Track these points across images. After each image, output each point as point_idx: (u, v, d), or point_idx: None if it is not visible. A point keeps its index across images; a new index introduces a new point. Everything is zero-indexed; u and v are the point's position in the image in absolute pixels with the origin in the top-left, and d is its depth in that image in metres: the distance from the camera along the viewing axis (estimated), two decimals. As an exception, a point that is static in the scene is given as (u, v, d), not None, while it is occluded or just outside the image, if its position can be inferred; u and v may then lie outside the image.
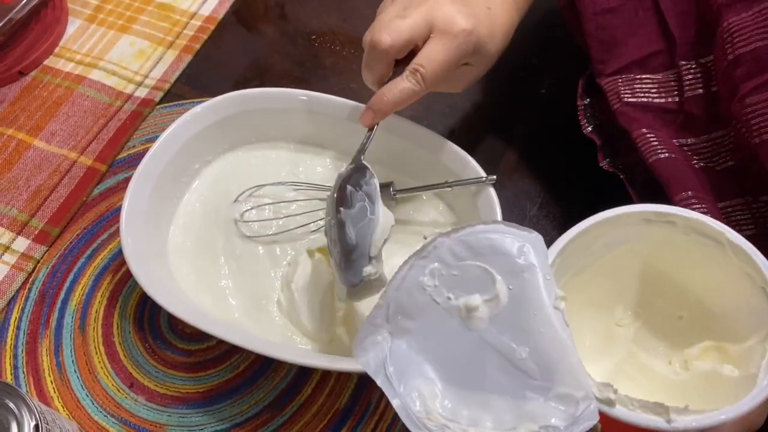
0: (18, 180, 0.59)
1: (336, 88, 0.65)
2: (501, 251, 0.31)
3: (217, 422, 0.49)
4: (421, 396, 0.30)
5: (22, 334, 0.52)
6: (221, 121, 0.55)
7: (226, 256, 0.53)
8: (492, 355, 0.29)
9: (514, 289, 0.30)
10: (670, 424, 0.27)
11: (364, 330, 0.32)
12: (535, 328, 0.29)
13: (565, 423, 0.28)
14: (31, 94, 0.64)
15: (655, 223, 0.34)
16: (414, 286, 0.31)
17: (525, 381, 0.29)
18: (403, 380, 0.31)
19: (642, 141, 0.47)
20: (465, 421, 0.29)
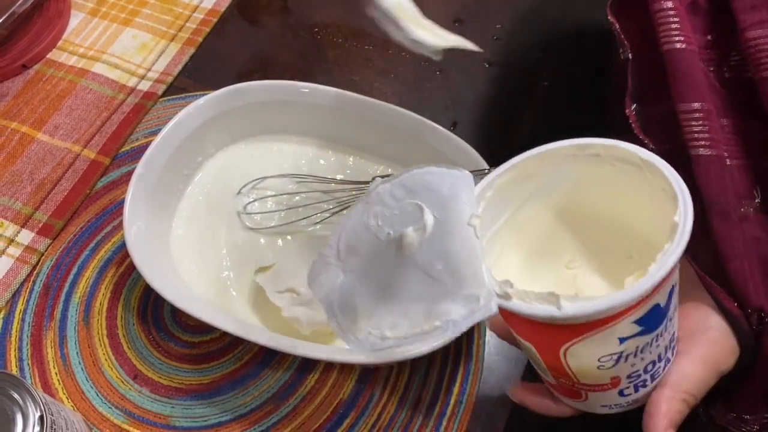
0: (22, 173, 0.59)
1: (339, 80, 0.65)
2: (432, 188, 0.33)
3: (220, 413, 0.49)
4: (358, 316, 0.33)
5: (27, 326, 0.52)
6: (224, 113, 0.55)
7: (228, 247, 0.53)
8: (417, 273, 0.32)
9: (439, 217, 0.33)
10: (561, 310, 0.28)
11: (317, 267, 0.35)
12: (452, 246, 0.32)
13: (464, 316, 0.30)
14: (34, 87, 0.64)
15: (582, 158, 0.34)
16: (360, 227, 0.35)
17: (439, 289, 0.31)
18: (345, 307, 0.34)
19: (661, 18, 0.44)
20: (387, 327, 0.32)
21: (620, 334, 0.30)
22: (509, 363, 0.51)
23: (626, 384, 0.34)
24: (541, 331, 0.31)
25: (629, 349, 0.31)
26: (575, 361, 0.32)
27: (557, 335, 0.31)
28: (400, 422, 0.49)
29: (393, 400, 0.49)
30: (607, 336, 0.30)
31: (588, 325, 0.29)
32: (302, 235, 0.54)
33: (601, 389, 0.34)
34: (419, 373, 0.50)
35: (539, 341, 0.33)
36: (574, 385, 0.34)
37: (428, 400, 0.49)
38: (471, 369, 0.51)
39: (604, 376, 0.33)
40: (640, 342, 0.31)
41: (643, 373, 0.33)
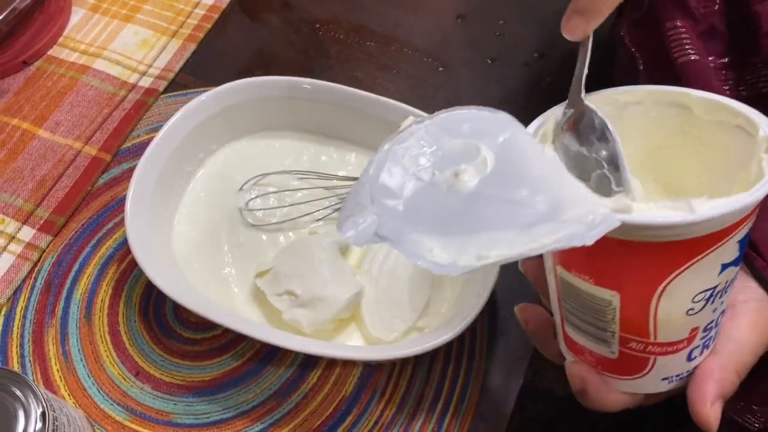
0: (23, 170, 0.59)
1: (341, 76, 0.65)
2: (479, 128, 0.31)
3: (222, 410, 0.49)
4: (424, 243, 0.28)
5: (29, 323, 0.52)
6: (225, 110, 0.54)
7: (230, 244, 0.53)
8: (489, 203, 0.28)
9: (499, 153, 0.29)
10: (695, 213, 0.25)
11: (348, 208, 0.30)
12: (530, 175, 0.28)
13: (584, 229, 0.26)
14: (35, 84, 0.64)
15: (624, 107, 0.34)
16: (395, 166, 0.31)
17: (531, 213, 0.27)
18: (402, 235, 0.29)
19: (674, 35, 0.44)
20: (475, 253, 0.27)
21: (724, 257, 0.28)
22: (512, 360, 0.51)
23: (698, 340, 0.32)
24: (643, 263, 0.28)
25: (722, 283, 0.29)
26: (668, 305, 0.29)
27: (663, 265, 0.28)
28: (402, 419, 0.48)
29: (395, 398, 0.49)
30: (718, 258, 0.28)
31: (708, 239, 0.27)
32: (304, 231, 0.54)
33: (675, 349, 0.32)
34: (422, 370, 0.50)
35: (632, 283, 0.29)
36: (646, 348, 0.31)
37: (431, 397, 0.49)
38: (474, 367, 0.50)
39: (686, 326, 0.31)
40: (730, 276, 0.30)
41: (714, 326, 0.32)
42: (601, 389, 0.34)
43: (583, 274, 0.30)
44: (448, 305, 0.50)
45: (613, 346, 0.32)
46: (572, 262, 0.30)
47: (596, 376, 0.34)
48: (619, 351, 0.32)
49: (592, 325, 0.32)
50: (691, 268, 0.28)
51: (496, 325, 0.52)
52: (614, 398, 0.34)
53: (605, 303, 0.30)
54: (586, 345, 0.33)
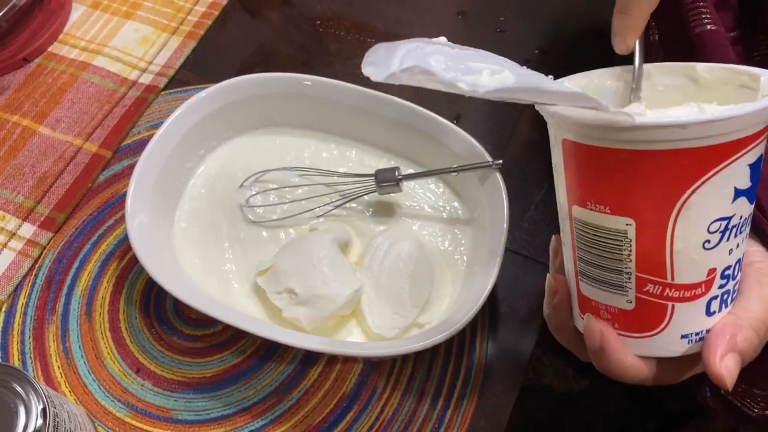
0: (23, 166, 0.59)
1: (341, 73, 0.65)
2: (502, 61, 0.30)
3: (223, 407, 0.49)
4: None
5: (29, 319, 0.52)
6: (226, 106, 0.54)
7: (230, 240, 0.53)
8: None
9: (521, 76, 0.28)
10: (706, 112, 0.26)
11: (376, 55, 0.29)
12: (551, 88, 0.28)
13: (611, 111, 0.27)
14: (35, 80, 0.64)
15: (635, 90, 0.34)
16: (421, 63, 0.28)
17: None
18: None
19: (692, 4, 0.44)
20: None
21: (737, 181, 0.29)
22: (513, 356, 0.51)
23: (716, 289, 0.31)
24: (658, 178, 0.28)
25: (737, 216, 0.29)
26: (685, 230, 0.29)
27: (678, 179, 0.28)
28: (403, 415, 0.49)
29: (396, 393, 0.49)
30: (730, 177, 0.28)
31: (720, 150, 0.27)
32: (305, 228, 0.54)
33: (693, 295, 0.31)
34: (422, 367, 0.50)
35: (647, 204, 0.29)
36: (663, 291, 0.31)
37: (432, 392, 0.49)
38: (474, 362, 0.50)
39: (704, 264, 0.30)
40: (743, 211, 0.30)
41: (731, 278, 0.31)
42: (620, 348, 0.33)
43: (599, 204, 0.30)
44: (449, 301, 0.50)
45: (629, 292, 0.31)
46: (588, 193, 0.30)
47: (615, 334, 0.33)
48: (636, 298, 0.31)
49: (608, 270, 0.32)
50: (707, 184, 0.28)
51: (496, 322, 0.52)
52: (632, 363, 0.33)
53: (621, 236, 0.30)
54: (601, 300, 0.33)
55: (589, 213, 0.31)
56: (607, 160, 0.29)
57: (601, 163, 0.29)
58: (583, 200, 0.31)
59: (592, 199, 0.31)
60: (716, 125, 0.27)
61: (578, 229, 0.32)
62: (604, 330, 0.33)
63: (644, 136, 0.28)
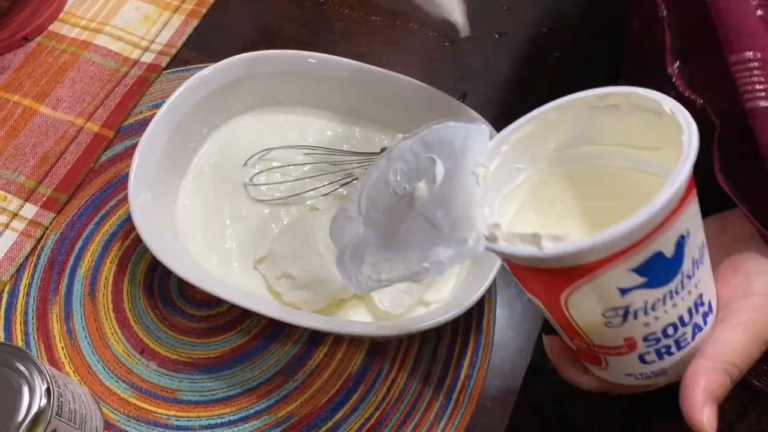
0: (25, 147, 0.58)
1: (346, 52, 0.64)
2: (446, 141, 0.34)
3: (228, 387, 0.49)
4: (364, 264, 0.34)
5: (32, 300, 0.52)
6: (229, 84, 0.54)
7: (232, 218, 0.52)
8: (421, 223, 0.32)
9: (450, 168, 0.33)
10: (542, 250, 0.27)
11: (339, 220, 0.36)
12: (454, 194, 0.32)
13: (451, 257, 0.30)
14: (36, 60, 0.63)
15: (602, 110, 0.33)
16: (381, 183, 0.36)
17: (437, 235, 0.31)
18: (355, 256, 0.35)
19: None
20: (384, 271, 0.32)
21: (619, 284, 0.28)
22: (520, 337, 0.51)
23: (645, 348, 0.32)
24: (537, 277, 0.31)
25: (636, 303, 0.29)
26: (579, 316, 0.31)
27: (552, 282, 0.30)
28: (409, 396, 0.48)
29: (402, 374, 0.49)
30: (604, 285, 0.28)
31: (578, 270, 0.28)
32: (307, 206, 0.53)
33: (618, 353, 0.32)
34: (429, 346, 0.50)
35: (540, 291, 0.32)
36: (590, 347, 0.33)
37: (438, 373, 0.49)
38: (481, 342, 0.50)
39: (615, 336, 0.31)
40: (648, 297, 0.29)
41: (662, 337, 0.31)
42: (569, 369, 0.37)
43: (517, 279, 0.34)
44: (457, 280, 0.49)
45: (566, 339, 0.35)
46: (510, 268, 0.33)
47: (566, 357, 0.37)
48: (574, 344, 0.34)
49: (551, 323, 0.35)
50: (576, 292, 0.29)
51: (504, 303, 0.52)
52: (584, 379, 0.37)
53: (540, 306, 0.33)
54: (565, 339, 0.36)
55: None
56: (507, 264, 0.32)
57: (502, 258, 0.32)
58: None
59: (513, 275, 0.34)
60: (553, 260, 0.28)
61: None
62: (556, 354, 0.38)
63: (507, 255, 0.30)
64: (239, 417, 0.48)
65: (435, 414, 0.48)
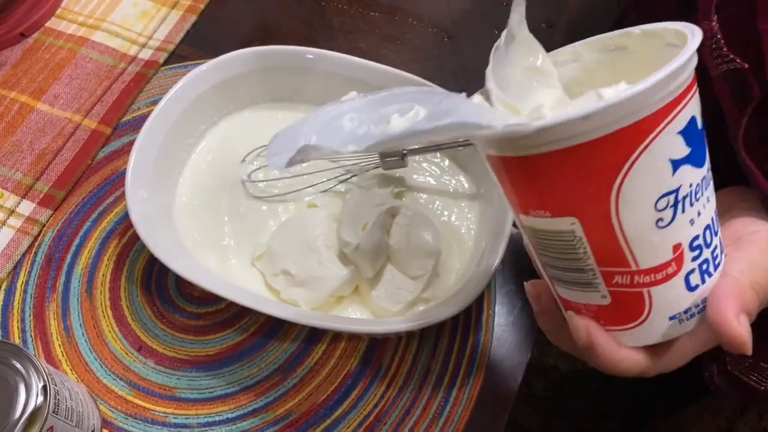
0: (22, 143, 0.58)
1: (344, 48, 0.63)
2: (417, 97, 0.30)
3: (226, 385, 0.48)
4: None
5: (29, 298, 0.52)
6: (227, 80, 0.53)
7: (230, 215, 0.52)
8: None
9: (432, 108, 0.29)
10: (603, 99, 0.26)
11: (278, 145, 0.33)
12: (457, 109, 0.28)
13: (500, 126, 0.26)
14: (33, 56, 0.63)
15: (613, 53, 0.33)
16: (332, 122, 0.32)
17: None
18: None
19: None
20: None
21: (670, 152, 0.27)
22: (519, 334, 0.50)
23: (690, 262, 0.29)
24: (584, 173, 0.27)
25: (684, 187, 0.28)
26: (631, 217, 0.28)
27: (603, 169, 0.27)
28: (408, 393, 0.48)
29: (401, 371, 0.49)
30: (658, 154, 0.27)
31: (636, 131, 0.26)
32: (305, 203, 0.53)
33: (665, 276, 0.29)
34: (428, 344, 0.50)
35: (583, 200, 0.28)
36: (633, 280, 0.29)
37: (437, 370, 0.49)
38: (481, 339, 0.50)
39: (665, 243, 0.29)
40: (692, 178, 0.28)
41: (704, 245, 0.29)
42: (609, 342, 0.31)
43: (539, 210, 0.29)
44: (456, 277, 0.49)
45: (600, 287, 0.30)
46: (526, 201, 0.30)
47: (602, 329, 0.31)
48: (609, 293, 0.30)
49: (573, 270, 0.31)
50: (634, 166, 0.27)
51: (503, 300, 0.51)
52: (626, 355, 0.31)
53: (570, 236, 0.29)
54: (579, 299, 0.32)
55: (534, 220, 0.30)
56: (530, 168, 0.28)
57: (526, 172, 0.28)
58: (525, 209, 0.30)
59: (531, 206, 0.30)
60: (617, 109, 0.26)
61: (531, 236, 0.31)
62: (589, 326, 0.31)
63: (549, 137, 0.26)
64: (237, 415, 0.47)
65: (434, 411, 0.47)
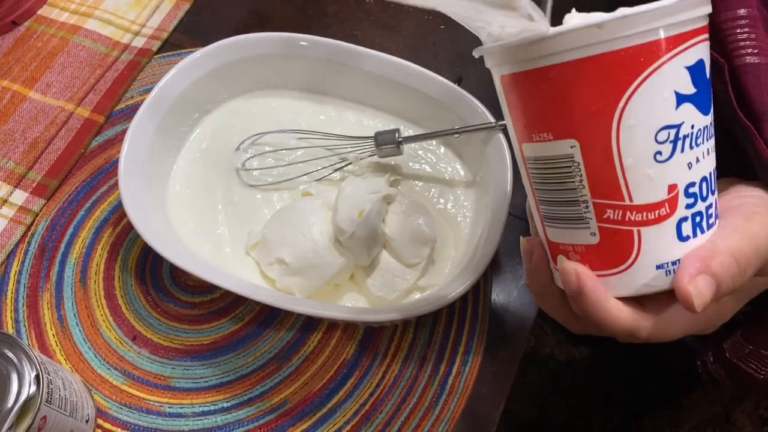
0: (14, 132, 0.57)
1: (339, 35, 0.62)
2: None
3: (222, 374, 0.48)
4: None
5: (23, 287, 0.51)
6: (221, 68, 0.53)
7: (224, 203, 0.52)
8: None
9: None
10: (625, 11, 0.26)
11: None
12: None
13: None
14: (25, 44, 0.62)
15: None
16: None
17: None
18: None
19: None
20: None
21: (676, 84, 0.28)
22: (515, 322, 0.50)
23: (684, 209, 0.29)
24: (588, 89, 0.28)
25: (685, 126, 0.28)
26: (630, 142, 0.28)
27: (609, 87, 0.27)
28: (404, 381, 0.48)
29: (397, 360, 0.48)
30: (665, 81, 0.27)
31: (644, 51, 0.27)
32: (300, 190, 0.52)
33: (657, 216, 0.29)
34: (424, 332, 0.49)
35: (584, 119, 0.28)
36: (625, 216, 0.29)
37: (433, 359, 0.48)
38: (477, 328, 0.50)
39: (660, 178, 0.29)
40: (694, 120, 0.28)
41: (699, 195, 0.29)
42: (598, 287, 0.30)
43: (542, 132, 0.30)
44: (452, 265, 0.49)
45: (591, 222, 0.30)
46: (531, 123, 0.30)
47: (591, 272, 0.31)
48: (598, 229, 0.30)
49: (565, 203, 0.31)
50: (642, 86, 0.27)
51: (499, 288, 0.51)
52: (616, 305, 0.30)
53: (569, 160, 0.29)
54: (567, 240, 0.31)
55: (536, 146, 0.30)
56: (538, 83, 0.29)
57: (535, 88, 0.29)
58: (529, 134, 0.30)
59: (536, 128, 0.30)
60: (634, 20, 0.26)
61: (531, 167, 0.32)
62: (578, 269, 0.30)
63: (562, 44, 0.27)
64: (233, 404, 0.47)
65: (430, 399, 0.47)
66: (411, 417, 0.47)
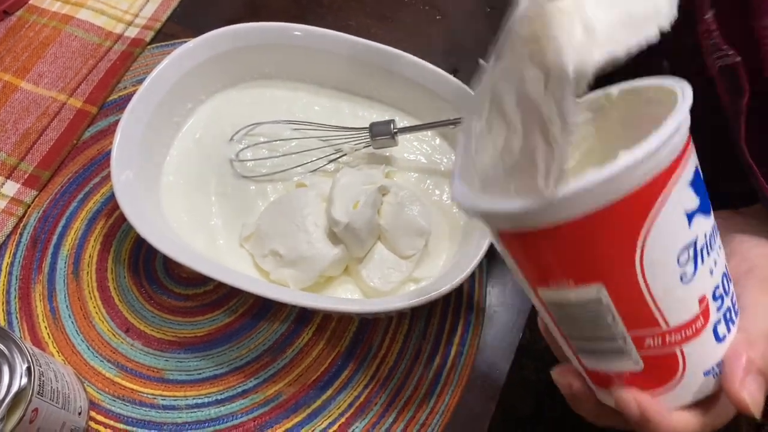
0: (5, 123, 0.57)
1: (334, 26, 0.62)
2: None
3: (215, 366, 0.48)
4: None
5: (15, 279, 0.51)
6: (214, 57, 0.52)
7: (217, 195, 0.51)
8: None
9: None
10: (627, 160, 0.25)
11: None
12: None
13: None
14: (16, 34, 0.62)
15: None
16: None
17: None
18: None
19: None
20: None
21: (684, 203, 0.27)
22: (511, 314, 0.50)
23: (716, 313, 0.29)
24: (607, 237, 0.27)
25: (700, 237, 0.28)
26: (656, 275, 0.27)
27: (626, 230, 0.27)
28: (399, 374, 0.47)
29: (392, 352, 0.48)
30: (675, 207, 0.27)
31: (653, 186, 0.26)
32: (294, 181, 0.52)
33: (695, 330, 0.29)
34: (419, 324, 0.49)
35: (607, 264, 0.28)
36: (665, 340, 0.29)
37: (428, 351, 0.48)
38: (472, 320, 0.49)
39: (690, 296, 0.29)
40: (705, 226, 0.28)
41: (724, 293, 0.30)
42: (662, 409, 0.30)
43: (561, 280, 0.28)
44: (447, 257, 0.49)
45: (632, 353, 0.30)
46: (547, 273, 0.29)
47: (650, 397, 0.30)
48: (642, 358, 0.30)
49: (601, 339, 0.30)
50: (655, 223, 0.27)
51: (494, 280, 0.51)
52: (680, 418, 0.30)
53: (597, 303, 0.28)
54: (609, 369, 0.31)
55: (556, 292, 0.29)
56: (551, 239, 0.27)
57: (547, 243, 0.28)
58: (546, 281, 0.29)
59: (553, 277, 0.29)
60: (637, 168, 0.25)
61: (553, 310, 0.31)
62: (637, 397, 0.30)
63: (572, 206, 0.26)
64: (226, 396, 0.47)
65: (425, 392, 0.47)
66: (405, 409, 0.46)
